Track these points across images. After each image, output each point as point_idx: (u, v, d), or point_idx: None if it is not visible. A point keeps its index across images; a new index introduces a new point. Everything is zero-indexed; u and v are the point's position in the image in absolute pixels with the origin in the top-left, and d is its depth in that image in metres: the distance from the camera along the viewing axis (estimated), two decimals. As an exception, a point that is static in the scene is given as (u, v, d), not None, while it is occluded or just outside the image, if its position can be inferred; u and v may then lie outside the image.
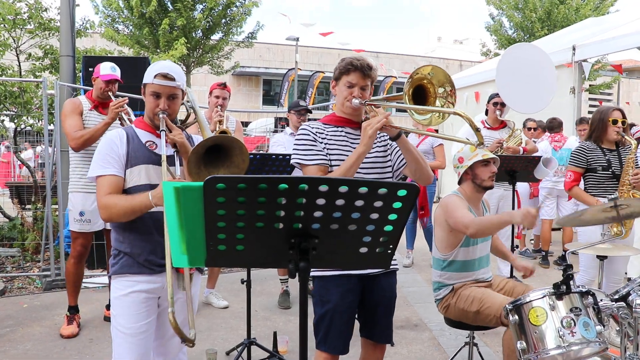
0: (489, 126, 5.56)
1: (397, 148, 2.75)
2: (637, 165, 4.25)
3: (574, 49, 8.48)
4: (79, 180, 4.46)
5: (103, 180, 2.42)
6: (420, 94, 2.48)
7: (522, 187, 7.38)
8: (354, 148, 2.65)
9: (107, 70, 4.42)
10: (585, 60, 8.71)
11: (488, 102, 5.61)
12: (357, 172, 2.61)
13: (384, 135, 2.79)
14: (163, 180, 2.33)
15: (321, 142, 2.64)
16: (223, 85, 4.90)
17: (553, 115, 7.66)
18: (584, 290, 2.55)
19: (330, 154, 2.64)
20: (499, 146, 5.26)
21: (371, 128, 2.49)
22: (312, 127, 2.69)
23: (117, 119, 4.29)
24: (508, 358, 3.08)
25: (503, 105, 5.46)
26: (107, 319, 4.68)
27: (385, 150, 2.81)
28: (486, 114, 5.71)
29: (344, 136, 2.71)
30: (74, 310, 4.58)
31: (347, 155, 2.63)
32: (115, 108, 4.19)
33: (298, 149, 2.66)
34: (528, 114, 6.70)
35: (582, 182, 4.31)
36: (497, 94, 5.50)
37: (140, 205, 2.36)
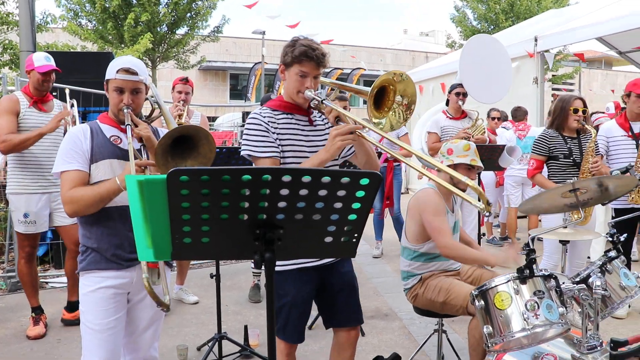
0: (450, 116, 5.61)
1: None
2: (598, 152, 4.37)
3: (535, 39, 8.67)
4: (20, 181, 4.32)
5: (67, 176, 2.40)
6: (380, 97, 2.42)
7: (488, 176, 7.51)
8: (305, 135, 2.63)
9: (42, 61, 4.22)
10: (547, 51, 8.91)
11: (449, 92, 5.66)
12: (305, 157, 2.58)
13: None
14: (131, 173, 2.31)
15: (273, 132, 2.56)
16: (185, 80, 4.87)
17: (517, 104, 7.81)
18: (546, 273, 2.60)
19: (282, 145, 2.58)
20: (467, 136, 5.27)
21: (341, 140, 2.36)
22: (264, 116, 2.59)
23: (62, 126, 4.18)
24: (473, 347, 3.13)
25: (465, 95, 5.53)
26: (66, 321, 4.59)
27: None
28: (447, 104, 5.77)
29: (295, 124, 2.64)
30: (38, 310, 4.48)
31: (299, 144, 2.61)
32: (58, 120, 4.10)
33: (249, 140, 2.56)
34: (489, 104, 6.79)
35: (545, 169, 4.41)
36: (460, 84, 5.56)
37: (109, 191, 2.36)
